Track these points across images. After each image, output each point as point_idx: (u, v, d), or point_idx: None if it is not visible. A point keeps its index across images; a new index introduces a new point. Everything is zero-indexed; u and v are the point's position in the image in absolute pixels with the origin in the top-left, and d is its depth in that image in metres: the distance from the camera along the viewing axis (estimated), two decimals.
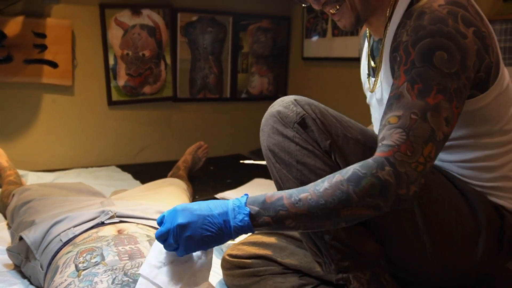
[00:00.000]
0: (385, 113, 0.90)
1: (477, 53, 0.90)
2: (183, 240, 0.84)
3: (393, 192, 0.83)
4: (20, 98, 2.47)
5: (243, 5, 2.95)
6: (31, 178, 2.26)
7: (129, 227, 1.25)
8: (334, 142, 0.99)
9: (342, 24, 1.05)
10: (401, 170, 0.83)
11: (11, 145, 2.49)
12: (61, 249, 1.23)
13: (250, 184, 2.30)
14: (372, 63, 1.14)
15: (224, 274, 1.28)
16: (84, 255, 1.08)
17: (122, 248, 1.10)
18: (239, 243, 1.28)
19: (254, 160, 1.33)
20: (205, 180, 2.25)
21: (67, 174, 2.38)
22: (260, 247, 1.24)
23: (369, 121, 1.24)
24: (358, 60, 1.30)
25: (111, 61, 2.63)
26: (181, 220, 0.84)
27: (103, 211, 1.33)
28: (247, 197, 0.87)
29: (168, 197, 1.57)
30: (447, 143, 0.95)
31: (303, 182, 0.97)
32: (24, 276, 1.34)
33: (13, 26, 2.35)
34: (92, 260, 1.06)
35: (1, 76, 2.38)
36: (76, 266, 1.05)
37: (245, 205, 0.85)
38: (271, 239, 1.25)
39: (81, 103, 2.61)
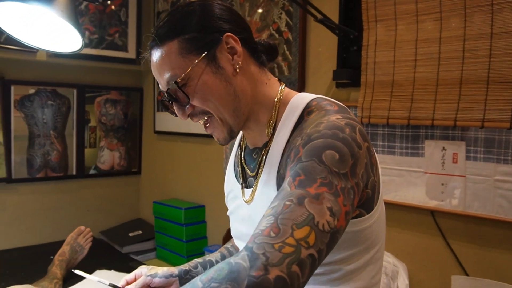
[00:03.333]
0: (268, 209, 0.78)
1: (366, 168, 0.85)
2: None
3: (244, 275, 0.66)
4: None
5: (88, 77, 2.80)
6: None
7: None
8: None
9: (216, 137, 0.99)
10: (258, 251, 0.67)
11: None
12: None
13: (91, 278, 2.08)
14: (248, 172, 1.05)
15: None
16: None
17: None
18: None
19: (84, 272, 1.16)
20: (44, 274, 1.99)
21: None
22: None
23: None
24: (208, 136, 1.20)
25: None
26: None
27: None
28: None
29: None
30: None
31: None
32: None
33: None
34: None
35: None
36: None
37: None
38: None
39: None
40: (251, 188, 1.02)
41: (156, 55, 0.95)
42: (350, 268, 0.92)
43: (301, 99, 0.97)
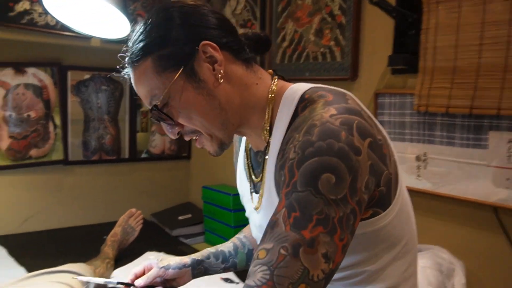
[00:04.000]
0: (259, 242, 0.76)
1: (371, 169, 0.78)
2: None
3: None
4: None
5: None
6: None
7: None
8: None
9: (208, 151, 0.95)
10: None
11: None
12: None
13: (141, 260, 2.12)
14: (253, 177, 1.01)
15: None
16: None
17: None
18: None
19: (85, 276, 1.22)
20: (97, 253, 2.04)
21: None
22: None
23: None
24: None
25: None
26: None
27: None
28: None
29: None
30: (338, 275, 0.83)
31: None
32: None
33: None
34: None
35: None
36: None
37: None
38: None
39: None
40: (259, 194, 0.98)
41: (132, 74, 0.91)
42: (373, 269, 0.87)
43: (293, 93, 0.89)
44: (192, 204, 3.02)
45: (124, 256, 2.13)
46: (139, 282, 1.12)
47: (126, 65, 0.92)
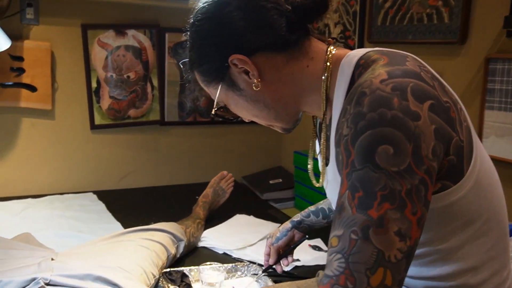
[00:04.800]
0: (331, 230, 0.73)
1: (437, 134, 0.71)
2: None
3: None
4: None
5: None
6: None
7: None
8: None
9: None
10: None
11: None
12: None
13: (231, 222, 2.15)
14: (316, 146, 0.99)
15: None
16: None
17: None
18: None
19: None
20: (189, 212, 2.11)
21: (38, 203, 2.28)
22: None
23: None
24: None
25: (94, 84, 2.52)
26: None
27: (34, 279, 1.21)
28: None
29: (121, 260, 1.42)
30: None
31: None
32: None
33: None
34: None
35: None
36: None
37: None
38: None
39: (62, 127, 2.51)
40: (327, 167, 0.94)
41: None
42: (447, 247, 0.80)
43: (349, 61, 0.84)
44: (284, 169, 3.01)
45: (214, 217, 2.17)
46: (270, 261, 1.38)
47: None
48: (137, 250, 1.53)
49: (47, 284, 1.22)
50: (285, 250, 1.37)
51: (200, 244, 1.93)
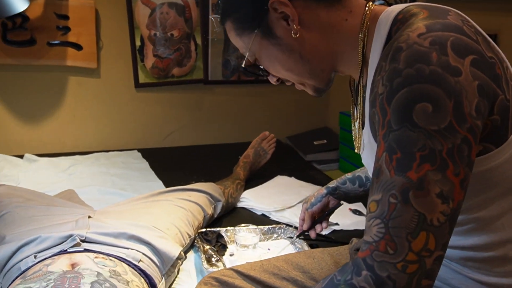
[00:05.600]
0: (369, 195, 0.70)
1: (481, 90, 0.66)
2: None
3: None
4: (45, 81, 2.44)
5: None
6: (44, 164, 2.24)
7: (83, 261, 1.14)
8: None
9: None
10: (382, 274, 0.64)
11: (37, 128, 2.48)
12: (14, 280, 1.15)
13: (271, 183, 2.13)
14: (355, 111, 0.94)
15: None
16: None
17: None
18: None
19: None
20: (230, 172, 2.11)
21: (85, 159, 2.35)
22: None
23: None
24: None
25: (138, 42, 2.51)
26: None
27: (70, 235, 1.24)
28: None
29: (156, 220, 1.44)
30: None
31: None
32: None
33: (36, 8, 2.28)
34: None
35: (25, 59, 2.35)
36: None
37: None
38: None
39: (107, 85, 2.54)
40: (363, 131, 0.89)
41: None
42: (487, 215, 0.76)
43: (387, 16, 0.79)
44: (329, 130, 2.94)
45: (255, 178, 2.16)
46: (305, 228, 1.34)
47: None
48: (173, 210, 1.53)
49: (83, 241, 1.24)
50: (320, 216, 1.34)
51: (239, 204, 1.93)
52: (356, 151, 0.97)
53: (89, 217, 1.38)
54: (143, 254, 1.27)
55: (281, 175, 2.23)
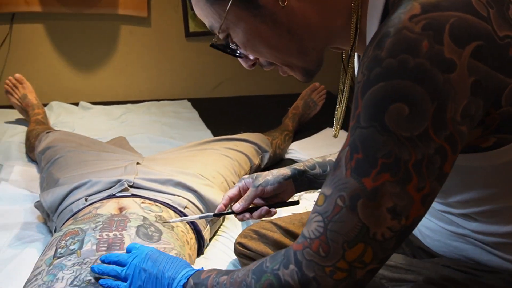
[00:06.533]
0: (324, 183, 0.65)
1: (476, 88, 0.56)
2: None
3: None
4: (98, 30, 2.47)
5: None
6: (98, 112, 2.30)
7: (130, 206, 1.17)
8: None
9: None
10: (308, 273, 0.61)
11: (91, 77, 2.54)
12: (67, 221, 1.20)
13: (320, 135, 2.10)
14: (343, 89, 0.83)
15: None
16: (67, 238, 1.03)
17: (105, 235, 1.03)
18: (251, 229, 1.14)
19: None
20: (279, 123, 2.08)
21: (137, 108, 2.39)
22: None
23: None
24: None
25: None
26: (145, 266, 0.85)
27: (119, 181, 1.27)
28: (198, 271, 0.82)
29: (203, 168, 1.44)
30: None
31: None
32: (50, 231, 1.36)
33: None
34: (71, 247, 1.00)
35: (78, 8, 2.38)
36: (55, 251, 1.00)
37: (186, 278, 0.80)
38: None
39: (157, 34, 2.54)
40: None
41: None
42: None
43: None
44: None
45: (303, 130, 2.13)
46: (236, 207, 0.98)
47: None
48: (220, 159, 1.54)
49: (131, 186, 1.27)
50: (270, 199, 1.03)
51: (286, 156, 1.91)
52: (334, 135, 0.85)
53: (138, 163, 1.41)
54: (189, 201, 1.28)
55: (330, 127, 2.17)
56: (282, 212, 1.31)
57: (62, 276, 0.91)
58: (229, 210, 1.01)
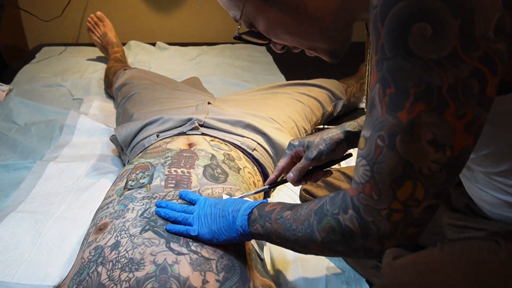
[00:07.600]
0: (363, 125, 0.62)
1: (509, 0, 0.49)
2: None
3: (360, 244, 0.61)
4: None
5: None
6: (174, 53, 2.31)
7: (200, 143, 1.17)
8: None
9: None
10: (367, 218, 0.60)
11: (168, 18, 2.55)
12: (138, 154, 1.23)
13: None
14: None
15: None
16: (138, 172, 1.05)
17: (174, 171, 1.04)
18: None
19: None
20: (355, 72, 1.99)
21: (211, 50, 2.39)
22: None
23: None
24: None
25: None
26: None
27: (190, 119, 1.28)
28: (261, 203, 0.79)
29: (273, 111, 1.41)
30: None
31: None
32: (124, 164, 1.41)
33: None
34: (141, 181, 1.02)
35: None
36: (126, 183, 1.03)
37: (251, 208, 0.78)
38: None
39: None
40: None
41: None
42: None
43: None
44: None
45: None
46: (291, 177, 0.92)
47: None
48: (291, 103, 1.50)
49: (201, 125, 1.27)
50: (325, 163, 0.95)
51: (361, 105, 1.84)
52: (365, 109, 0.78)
53: (209, 103, 1.41)
54: (258, 143, 1.27)
55: None
56: (351, 162, 1.26)
57: (133, 207, 0.93)
58: (283, 179, 0.96)
